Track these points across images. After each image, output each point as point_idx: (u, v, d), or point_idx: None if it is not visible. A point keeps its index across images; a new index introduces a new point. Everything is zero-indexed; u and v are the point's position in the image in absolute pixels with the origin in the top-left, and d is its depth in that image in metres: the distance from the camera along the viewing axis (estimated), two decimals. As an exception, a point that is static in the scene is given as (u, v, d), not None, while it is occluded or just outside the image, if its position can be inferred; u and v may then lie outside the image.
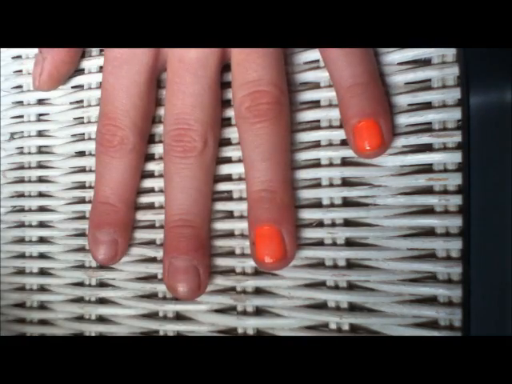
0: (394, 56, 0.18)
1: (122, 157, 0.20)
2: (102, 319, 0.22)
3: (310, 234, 0.19)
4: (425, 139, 0.18)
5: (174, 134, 0.19)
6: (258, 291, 0.19)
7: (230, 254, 0.20)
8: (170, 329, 0.20)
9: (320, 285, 0.19)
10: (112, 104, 0.19)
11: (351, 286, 0.18)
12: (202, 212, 0.19)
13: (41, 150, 0.23)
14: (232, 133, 0.20)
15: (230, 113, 0.20)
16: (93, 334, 0.21)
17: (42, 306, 0.23)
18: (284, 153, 0.18)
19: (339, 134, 0.19)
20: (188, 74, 0.18)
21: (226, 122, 0.20)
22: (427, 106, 0.18)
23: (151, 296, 0.21)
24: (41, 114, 0.23)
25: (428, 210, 0.18)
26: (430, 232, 0.17)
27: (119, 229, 0.20)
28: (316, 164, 0.19)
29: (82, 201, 0.22)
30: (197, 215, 0.19)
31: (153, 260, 0.21)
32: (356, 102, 0.17)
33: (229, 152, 0.20)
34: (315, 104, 0.19)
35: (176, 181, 0.19)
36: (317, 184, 0.19)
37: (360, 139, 0.17)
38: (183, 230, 0.19)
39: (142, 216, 0.21)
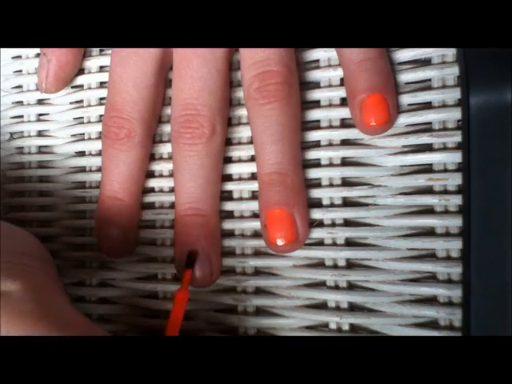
0: (394, 56, 0.18)
1: (129, 150, 0.19)
2: (102, 319, 0.21)
3: (310, 234, 0.19)
4: (425, 139, 0.18)
5: (181, 121, 0.18)
6: (258, 291, 0.19)
7: (230, 253, 0.20)
8: (170, 329, 0.20)
9: (320, 285, 0.19)
10: (119, 95, 0.19)
11: (351, 286, 0.18)
12: (211, 200, 0.19)
13: (41, 150, 0.23)
14: (232, 133, 0.20)
15: (231, 112, 0.20)
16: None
17: (42, 306, 0.23)
18: (294, 134, 0.18)
19: (339, 134, 0.19)
20: (196, 57, 0.18)
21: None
22: (427, 106, 0.18)
23: (151, 296, 0.21)
24: (41, 114, 0.23)
25: (428, 210, 0.18)
26: (430, 232, 0.17)
27: (128, 223, 0.20)
28: (316, 164, 0.19)
29: (82, 201, 0.22)
30: (206, 203, 0.19)
31: (153, 260, 0.21)
32: (366, 76, 0.17)
33: (229, 152, 0.20)
34: (315, 104, 0.19)
35: (185, 169, 0.19)
36: (317, 184, 0.19)
37: (367, 114, 0.17)
38: (193, 218, 0.19)
39: (143, 216, 0.21)
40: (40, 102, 0.23)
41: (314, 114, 0.19)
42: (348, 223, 0.19)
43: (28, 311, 0.13)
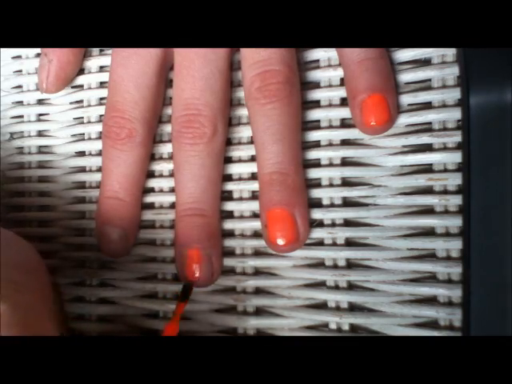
0: (394, 56, 0.18)
1: (130, 150, 0.19)
2: (102, 319, 0.21)
3: (310, 233, 0.19)
4: (425, 139, 0.18)
5: (183, 120, 0.18)
6: (258, 291, 0.19)
7: (230, 253, 0.20)
8: (170, 329, 0.20)
9: (320, 285, 0.19)
10: (120, 95, 0.19)
11: (351, 286, 0.18)
12: (212, 200, 0.19)
13: (41, 150, 0.23)
14: (232, 133, 0.20)
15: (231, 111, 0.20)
16: (93, 334, 0.21)
17: (42, 306, 0.23)
18: (295, 133, 0.18)
19: (339, 134, 0.19)
20: (197, 57, 0.18)
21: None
22: (427, 106, 0.18)
23: (151, 296, 0.21)
24: (41, 114, 0.23)
25: (428, 210, 0.18)
26: (430, 232, 0.17)
27: (128, 223, 0.20)
28: (316, 164, 0.19)
29: (82, 201, 0.22)
30: (207, 203, 0.19)
31: (153, 260, 0.21)
32: (367, 76, 0.17)
33: (229, 152, 0.20)
34: (315, 104, 0.19)
35: (186, 169, 0.19)
36: (317, 184, 0.19)
37: (367, 114, 0.17)
38: (194, 218, 0.19)
39: (142, 216, 0.21)
40: (40, 101, 0.23)
41: (314, 114, 0.19)
42: (348, 223, 0.19)
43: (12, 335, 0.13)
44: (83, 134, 0.22)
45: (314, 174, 0.19)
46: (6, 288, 0.14)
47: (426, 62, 0.18)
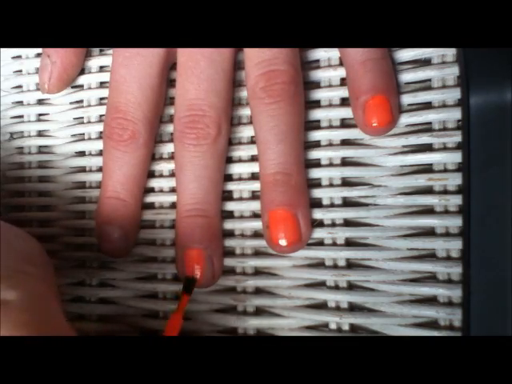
0: (394, 56, 0.18)
1: (133, 151, 0.19)
2: (102, 319, 0.21)
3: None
4: (425, 139, 0.18)
5: (186, 121, 0.18)
6: (258, 291, 0.19)
7: (230, 253, 0.20)
8: (170, 329, 0.20)
9: (320, 285, 0.19)
10: (123, 96, 0.19)
11: (351, 286, 0.18)
12: (214, 201, 0.19)
13: (41, 150, 0.23)
14: (232, 133, 0.20)
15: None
16: (93, 334, 0.21)
17: (42, 306, 0.23)
18: (298, 134, 0.18)
19: (339, 134, 0.19)
20: (203, 57, 0.18)
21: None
22: (427, 106, 0.18)
23: (151, 296, 0.21)
24: (41, 114, 0.23)
25: (428, 210, 0.18)
26: (430, 232, 0.17)
27: (129, 223, 0.20)
28: (316, 164, 0.19)
29: (82, 201, 0.22)
30: (209, 204, 0.19)
31: (153, 260, 0.21)
32: (370, 77, 0.17)
33: (229, 152, 0.20)
34: (315, 104, 0.19)
35: (188, 169, 0.18)
36: (317, 184, 0.19)
37: (370, 115, 0.17)
38: (196, 219, 0.19)
39: (143, 216, 0.21)
40: (40, 101, 0.23)
41: (314, 114, 0.19)
42: (348, 223, 0.19)
43: (24, 322, 0.13)
44: (83, 134, 0.22)
45: (314, 173, 0.19)
46: (17, 277, 0.14)
47: (425, 62, 0.18)
